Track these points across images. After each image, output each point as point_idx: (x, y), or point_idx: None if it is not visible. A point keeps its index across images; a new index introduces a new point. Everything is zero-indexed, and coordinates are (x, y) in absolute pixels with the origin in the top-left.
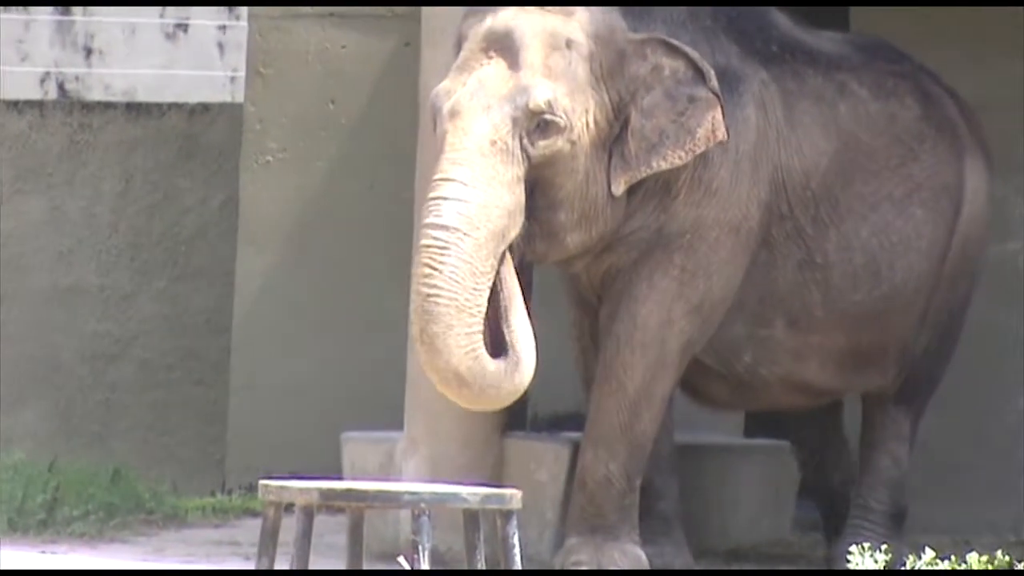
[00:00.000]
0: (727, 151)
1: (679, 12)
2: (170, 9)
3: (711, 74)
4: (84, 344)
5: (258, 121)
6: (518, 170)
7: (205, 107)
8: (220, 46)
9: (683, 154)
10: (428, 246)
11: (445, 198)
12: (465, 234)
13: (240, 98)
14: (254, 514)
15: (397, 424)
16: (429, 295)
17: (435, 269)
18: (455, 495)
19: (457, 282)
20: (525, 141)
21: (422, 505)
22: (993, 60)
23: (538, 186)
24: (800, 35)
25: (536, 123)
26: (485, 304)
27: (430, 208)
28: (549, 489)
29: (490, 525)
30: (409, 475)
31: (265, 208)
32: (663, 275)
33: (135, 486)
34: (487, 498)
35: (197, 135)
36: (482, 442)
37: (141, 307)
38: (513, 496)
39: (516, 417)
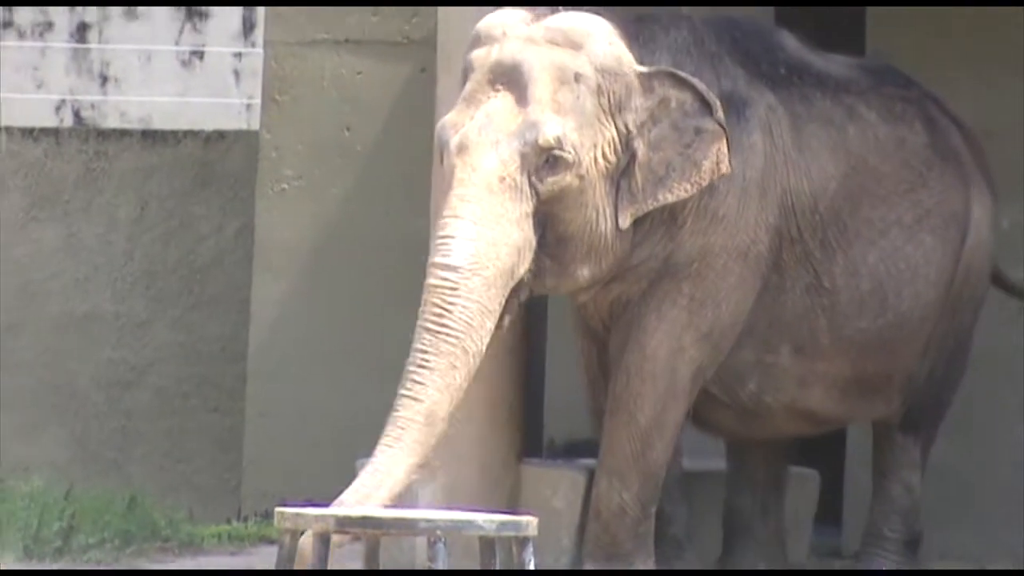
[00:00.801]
0: (734, 178)
1: (683, 38)
2: (186, 36)
3: (717, 105)
4: (100, 371)
5: (274, 148)
6: (527, 206)
7: (221, 134)
8: (236, 73)
9: (688, 187)
10: (437, 287)
11: (453, 237)
12: (474, 274)
13: (256, 125)
14: (270, 541)
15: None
16: (439, 332)
17: (445, 310)
18: (471, 522)
19: (468, 323)
20: (534, 177)
21: (438, 532)
22: (1008, 84)
23: (547, 221)
24: (808, 57)
25: (545, 159)
26: (487, 341)
27: (439, 247)
28: (565, 516)
29: (506, 552)
30: (425, 502)
31: (281, 235)
32: (672, 305)
33: (151, 513)
34: (503, 525)
35: (213, 162)
36: (498, 469)
37: (157, 334)
38: (529, 523)
39: (532, 444)
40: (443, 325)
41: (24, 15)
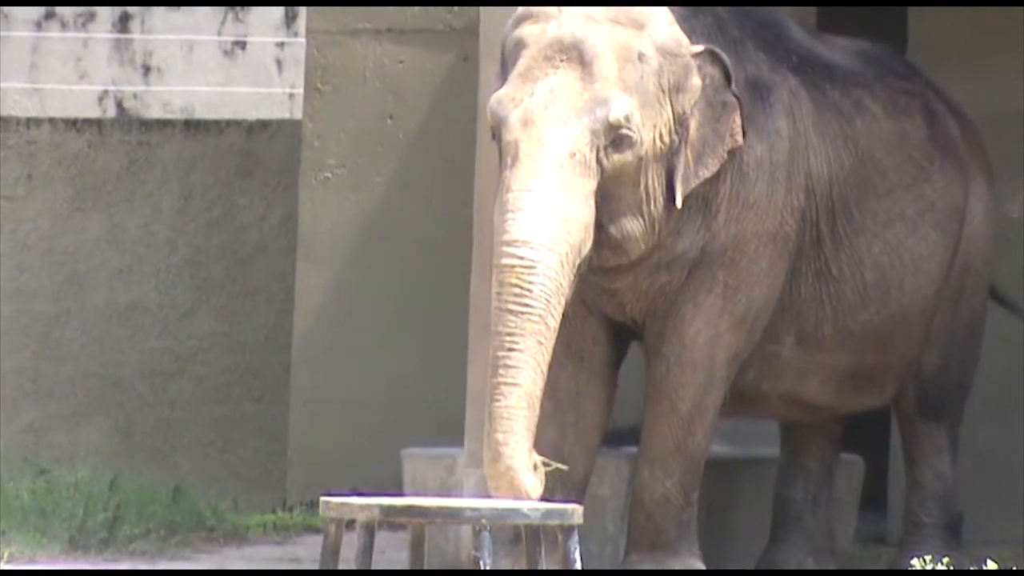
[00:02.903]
0: (762, 164)
1: (709, 24)
2: (228, 26)
3: (733, 78)
4: (144, 361)
5: (316, 137)
6: (593, 183)
7: (263, 124)
8: (278, 63)
9: (716, 160)
10: (513, 266)
11: (525, 211)
12: (549, 250)
13: (298, 115)
14: (315, 531)
15: (457, 440)
16: (522, 313)
17: (525, 289)
18: (516, 511)
19: (548, 301)
20: (601, 154)
21: (483, 521)
22: None
23: (601, 197)
24: (816, 47)
25: (613, 137)
26: (560, 318)
27: (510, 222)
28: (610, 504)
29: (551, 540)
30: (470, 491)
31: (324, 224)
32: (708, 293)
33: (196, 503)
34: (548, 513)
35: (256, 152)
36: None
37: (200, 324)
38: (574, 511)
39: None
40: (525, 304)
41: (66, 6)
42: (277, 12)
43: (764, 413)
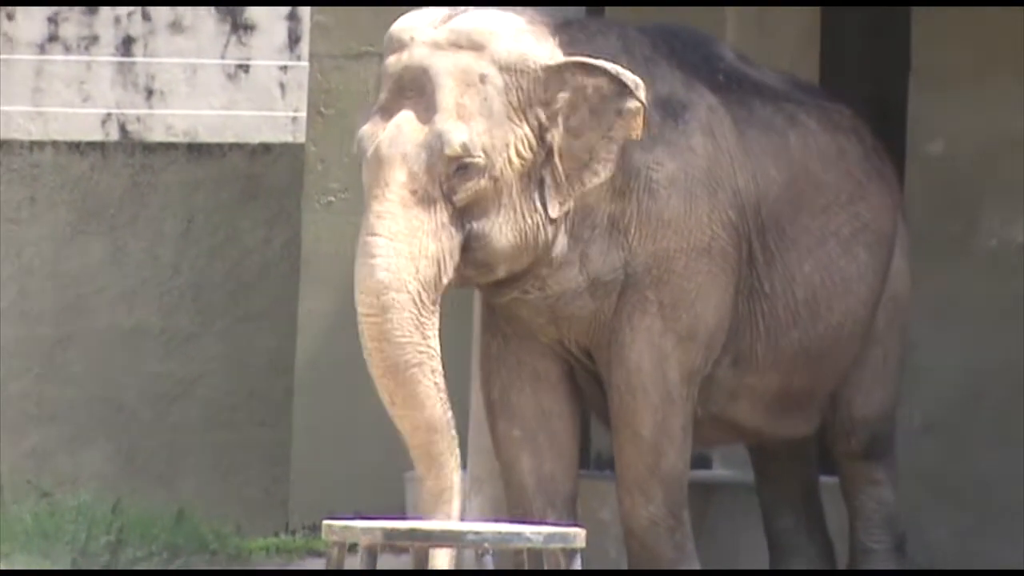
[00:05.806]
0: (676, 181)
1: (612, 44)
2: (231, 49)
3: (637, 84)
4: (147, 385)
5: (319, 161)
6: (443, 216)
7: (267, 147)
8: (281, 86)
9: (607, 165)
10: (367, 314)
11: (373, 256)
12: (398, 291)
13: (301, 138)
14: (318, 554)
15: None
16: (385, 361)
17: (384, 339)
18: (519, 534)
19: (408, 341)
20: (445, 187)
21: (486, 544)
22: None
23: (468, 220)
24: (745, 68)
25: (455, 168)
26: (438, 345)
27: (361, 268)
28: (612, 527)
29: (554, 564)
30: (472, 514)
31: (327, 248)
32: (643, 314)
33: (199, 527)
34: (550, 537)
35: (259, 175)
36: None
37: (204, 348)
38: (577, 535)
39: (579, 456)
40: (388, 356)
41: (69, 29)
42: (280, 36)
43: (695, 438)
